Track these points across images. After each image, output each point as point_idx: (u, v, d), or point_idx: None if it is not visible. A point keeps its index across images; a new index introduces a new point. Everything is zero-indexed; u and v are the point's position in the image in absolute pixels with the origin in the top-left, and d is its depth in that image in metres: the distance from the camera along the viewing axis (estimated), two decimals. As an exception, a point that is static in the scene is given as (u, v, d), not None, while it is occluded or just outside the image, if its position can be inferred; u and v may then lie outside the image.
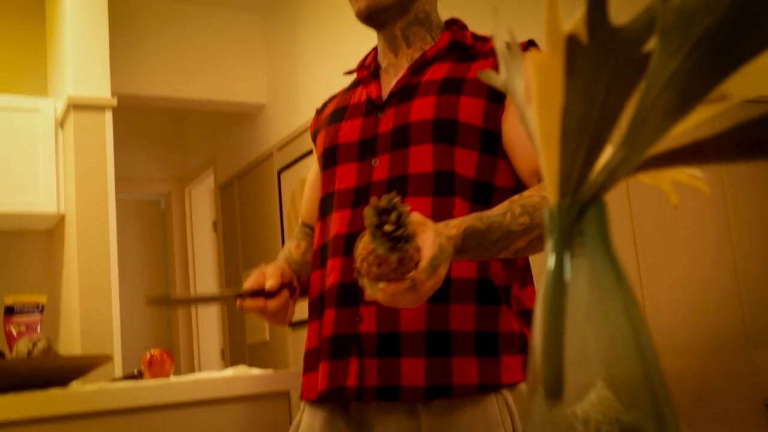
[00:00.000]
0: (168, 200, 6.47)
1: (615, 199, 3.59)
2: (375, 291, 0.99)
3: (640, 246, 3.65)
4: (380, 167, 1.32)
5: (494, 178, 1.30)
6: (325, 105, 1.56)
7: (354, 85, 1.50)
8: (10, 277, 4.00)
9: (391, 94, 1.37)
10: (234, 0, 4.70)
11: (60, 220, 3.83)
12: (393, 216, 0.93)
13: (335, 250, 1.31)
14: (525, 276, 1.32)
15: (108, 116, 3.65)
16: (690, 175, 0.56)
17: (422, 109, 1.31)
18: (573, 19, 0.46)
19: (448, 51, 1.39)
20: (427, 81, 1.35)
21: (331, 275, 1.31)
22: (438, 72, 1.36)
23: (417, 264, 0.98)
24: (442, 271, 1.01)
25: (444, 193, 1.27)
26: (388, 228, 0.93)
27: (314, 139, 1.52)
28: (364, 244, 0.98)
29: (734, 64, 0.43)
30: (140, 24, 4.54)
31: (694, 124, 0.48)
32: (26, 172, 3.68)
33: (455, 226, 1.10)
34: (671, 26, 0.43)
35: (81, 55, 3.67)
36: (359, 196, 1.31)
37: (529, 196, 1.19)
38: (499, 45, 0.58)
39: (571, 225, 0.47)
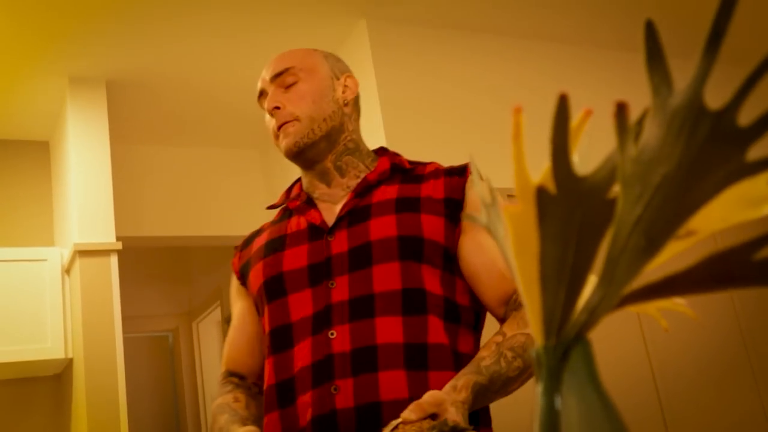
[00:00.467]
0: (176, 335, 6.46)
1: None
2: None
3: (650, 346, 3.62)
4: (339, 289, 1.27)
5: (456, 296, 1.29)
6: (248, 241, 1.52)
7: (284, 217, 1.46)
8: (18, 424, 3.94)
9: (339, 218, 1.35)
10: (232, 140, 4.83)
11: (68, 365, 3.82)
12: None
13: (303, 385, 1.25)
14: None
15: (113, 260, 3.69)
16: (673, 302, 0.58)
17: (383, 227, 1.29)
18: (540, 170, 0.49)
19: (391, 174, 1.39)
20: (379, 202, 1.34)
21: (306, 412, 1.23)
22: (387, 193, 1.35)
23: None
24: None
25: (415, 312, 1.24)
26: None
27: (243, 275, 1.46)
28: None
29: (695, 205, 0.46)
30: (143, 168, 4.65)
31: (667, 259, 0.51)
32: (34, 320, 3.69)
33: (463, 387, 1.09)
34: (631, 176, 0.46)
35: (86, 205, 3.74)
36: (319, 322, 1.27)
37: (512, 336, 1.19)
38: (481, 191, 0.61)
39: (558, 364, 0.49)
